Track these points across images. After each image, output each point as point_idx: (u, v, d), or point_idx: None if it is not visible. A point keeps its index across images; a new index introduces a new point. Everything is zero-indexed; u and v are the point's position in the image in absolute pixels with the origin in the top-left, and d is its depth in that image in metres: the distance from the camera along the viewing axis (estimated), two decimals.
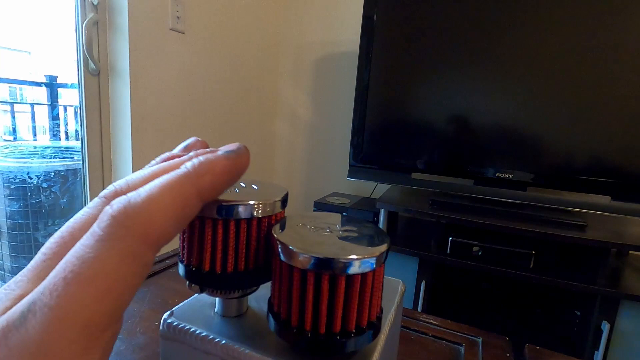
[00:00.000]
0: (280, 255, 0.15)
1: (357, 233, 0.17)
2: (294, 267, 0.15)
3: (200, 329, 0.19)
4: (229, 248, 0.17)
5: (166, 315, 0.21)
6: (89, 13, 0.97)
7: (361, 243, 0.16)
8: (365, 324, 0.16)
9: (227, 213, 0.17)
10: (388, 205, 1.13)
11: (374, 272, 0.15)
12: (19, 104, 1.24)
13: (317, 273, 0.15)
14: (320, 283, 0.15)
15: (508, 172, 1.05)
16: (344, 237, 0.17)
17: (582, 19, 0.94)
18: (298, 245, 0.15)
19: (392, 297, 0.22)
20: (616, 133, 0.95)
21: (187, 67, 1.20)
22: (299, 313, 0.15)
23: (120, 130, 1.06)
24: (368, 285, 0.15)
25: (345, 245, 0.16)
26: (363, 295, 0.15)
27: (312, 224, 0.18)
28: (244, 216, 0.17)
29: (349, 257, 0.14)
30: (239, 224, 0.17)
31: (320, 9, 1.59)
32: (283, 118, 1.75)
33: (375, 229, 0.18)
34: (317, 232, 0.17)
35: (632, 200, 0.94)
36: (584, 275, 0.94)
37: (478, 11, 1.03)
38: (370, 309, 0.16)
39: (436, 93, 1.12)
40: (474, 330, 0.39)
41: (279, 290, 0.16)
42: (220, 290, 0.18)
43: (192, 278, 0.18)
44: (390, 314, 0.20)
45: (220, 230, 0.17)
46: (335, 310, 0.15)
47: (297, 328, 0.15)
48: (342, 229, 0.17)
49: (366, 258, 0.15)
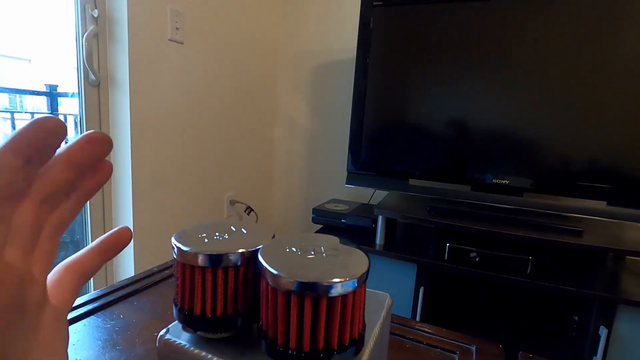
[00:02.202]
0: (266, 278, 0.16)
1: (340, 256, 0.18)
2: (278, 290, 0.16)
3: (194, 347, 0.19)
4: (218, 294, 0.19)
5: (162, 332, 0.22)
6: (89, 25, 0.99)
7: (342, 266, 0.17)
8: (348, 342, 0.17)
9: (214, 262, 0.18)
10: (386, 211, 1.14)
11: (354, 292, 0.16)
12: (19, 113, 1.25)
13: (299, 295, 0.15)
14: (302, 305, 0.16)
15: (505, 178, 1.06)
16: (327, 259, 0.18)
17: (579, 26, 0.96)
18: (282, 269, 0.16)
19: (379, 311, 0.23)
20: (611, 139, 0.96)
21: (186, 77, 1.21)
22: (284, 333, 0.16)
23: (119, 140, 1.07)
24: (349, 306, 0.16)
25: (327, 268, 0.17)
26: (344, 315, 0.16)
27: (299, 247, 0.19)
28: (230, 264, 0.18)
29: (330, 280, 0.15)
30: (227, 271, 0.18)
31: (318, 17, 1.61)
32: (282, 125, 1.76)
33: (357, 252, 0.19)
34: (302, 256, 0.18)
35: (627, 205, 0.95)
36: (581, 281, 0.95)
37: (474, 17, 1.05)
38: (352, 327, 0.17)
39: (433, 99, 1.13)
40: (468, 338, 0.40)
41: (267, 311, 0.17)
42: (211, 332, 0.19)
43: (185, 321, 0.20)
44: (376, 329, 0.21)
45: (209, 277, 0.18)
46: (318, 329, 0.16)
47: (283, 347, 0.16)
48: (326, 251, 0.18)
49: (346, 281, 0.16)
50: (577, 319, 1.00)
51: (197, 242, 0.20)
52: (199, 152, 1.31)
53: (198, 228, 0.23)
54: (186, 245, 0.20)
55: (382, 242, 1.16)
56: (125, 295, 0.48)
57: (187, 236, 0.21)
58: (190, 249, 0.19)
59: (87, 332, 0.40)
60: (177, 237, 0.21)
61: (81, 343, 0.38)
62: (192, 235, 0.21)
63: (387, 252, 1.09)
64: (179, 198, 1.25)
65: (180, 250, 0.20)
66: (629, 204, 0.95)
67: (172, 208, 1.22)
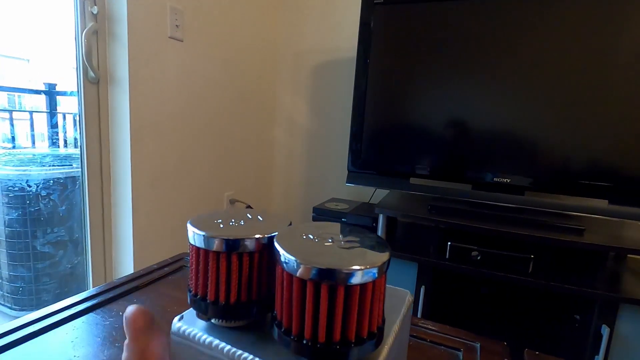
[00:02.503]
0: (281, 264, 0.16)
1: (359, 243, 0.17)
2: (294, 276, 0.15)
3: (207, 334, 0.19)
4: (232, 280, 0.18)
5: (176, 319, 0.21)
6: (88, 22, 0.98)
7: (362, 253, 0.16)
8: (366, 334, 0.16)
9: (229, 247, 0.17)
10: (387, 210, 1.13)
11: (374, 283, 0.15)
12: (18, 112, 1.24)
13: (316, 283, 0.15)
14: (319, 293, 0.15)
15: (506, 177, 1.05)
16: (346, 247, 0.17)
17: (579, 25, 0.96)
18: (298, 255, 0.15)
19: (399, 307, 0.22)
20: (612, 137, 0.96)
21: (186, 75, 1.21)
22: (299, 322, 0.16)
23: (119, 138, 1.06)
24: (367, 296, 0.15)
25: (345, 255, 0.16)
26: (362, 306, 0.15)
27: (316, 234, 0.18)
28: (246, 250, 0.18)
29: (348, 267, 0.15)
30: (242, 257, 0.18)
31: (318, 16, 1.60)
32: (282, 125, 1.75)
33: (377, 239, 0.18)
34: (319, 243, 0.17)
35: (629, 203, 0.95)
36: (583, 279, 0.94)
37: (474, 16, 1.05)
38: (371, 319, 0.16)
39: (433, 98, 1.13)
40: (472, 335, 0.39)
41: (281, 299, 0.16)
42: (224, 319, 0.19)
43: (198, 307, 0.19)
44: (396, 325, 0.20)
45: (223, 262, 0.18)
46: (334, 319, 0.15)
47: (298, 336, 0.16)
48: (344, 239, 0.18)
49: (365, 269, 0.15)
50: (579, 317, 1.00)
51: (212, 227, 0.20)
52: (198, 151, 1.30)
53: (214, 214, 0.22)
54: (201, 229, 0.19)
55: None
56: (124, 293, 0.48)
57: (203, 221, 0.21)
58: (205, 233, 0.19)
59: (86, 329, 0.40)
60: (193, 222, 0.20)
61: (80, 340, 0.38)
62: (207, 221, 0.21)
63: None
64: (179, 197, 1.24)
65: (195, 234, 0.19)
66: (631, 203, 0.95)
67: (171, 207, 1.21)
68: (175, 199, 1.23)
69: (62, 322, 0.40)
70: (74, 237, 1.16)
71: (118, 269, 1.14)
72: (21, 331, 0.38)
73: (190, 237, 0.20)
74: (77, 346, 0.37)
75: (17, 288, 1.13)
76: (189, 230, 0.20)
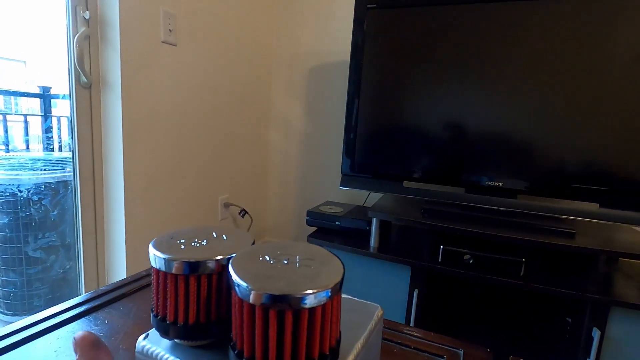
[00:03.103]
0: (234, 288, 0.16)
1: (313, 265, 0.17)
2: (244, 300, 0.15)
3: (170, 354, 0.19)
4: (190, 302, 0.18)
5: (141, 337, 0.21)
6: (80, 27, 0.98)
7: (313, 276, 0.16)
8: (317, 356, 0.16)
9: (186, 269, 0.18)
10: (380, 214, 1.14)
11: (324, 305, 0.15)
12: (12, 115, 1.24)
13: (264, 308, 0.15)
14: (267, 317, 0.15)
15: (498, 181, 1.06)
16: (299, 270, 0.17)
17: (572, 30, 0.97)
18: (249, 279, 0.15)
19: (365, 323, 0.22)
20: (604, 141, 0.96)
21: (179, 79, 1.21)
22: (250, 345, 0.16)
23: (111, 142, 1.06)
24: (317, 319, 0.15)
25: (296, 279, 0.16)
26: (312, 328, 0.15)
27: (273, 255, 0.18)
28: (203, 272, 0.18)
29: (298, 292, 0.15)
30: (200, 279, 0.18)
31: (312, 19, 1.61)
32: (276, 128, 1.76)
33: (333, 261, 0.18)
34: (274, 264, 0.17)
35: (619, 207, 0.95)
36: (574, 283, 0.95)
37: (466, 20, 1.05)
38: (322, 341, 0.16)
39: (427, 102, 1.13)
40: (456, 342, 0.39)
41: (235, 322, 0.17)
42: (184, 339, 0.19)
43: (159, 327, 0.20)
44: (359, 342, 0.20)
45: (182, 284, 0.18)
46: (284, 343, 0.15)
47: (249, 359, 0.16)
48: (300, 261, 0.18)
49: (315, 292, 0.15)
50: (570, 320, 1.00)
51: (172, 249, 0.20)
52: (192, 155, 1.30)
53: (179, 233, 0.22)
54: (161, 251, 0.19)
55: (376, 244, 1.16)
56: (111, 300, 0.47)
57: (165, 241, 0.21)
58: (163, 256, 0.19)
59: (70, 338, 0.39)
60: (155, 242, 0.20)
61: (64, 349, 0.38)
62: (169, 241, 0.21)
63: (381, 254, 1.09)
64: (172, 201, 1.24)
65: (154, 256, 0.19)
66: (621, 206, 0.95)
67: (165, 211, 1.21)
68: (168, 203, 1.22)
69: (46, 331, 0.40)
70: (65, 242, 1.15)
71: (110, 274, 1.14)
72: (4, 341, 0.37)
73: (151, 259, 0.20)
74: (60, 356, 0.37)
75: (8, 293, 1.12)
76: (150, 252, 0.20)
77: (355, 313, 0.22)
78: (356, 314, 0.22)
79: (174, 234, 0.22)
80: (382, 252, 1.10)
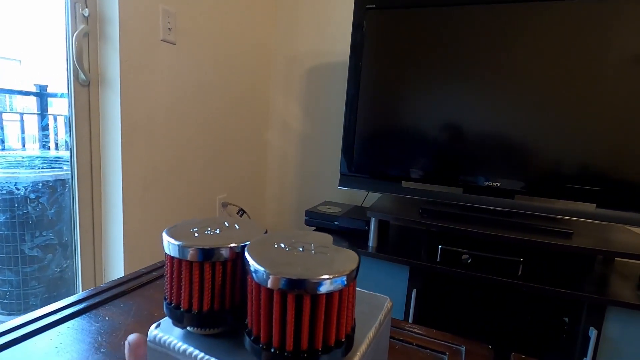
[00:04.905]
0: (250, 274, 0.16)
1: (329, 253, 0.18)
2: (262, 286, 0.15)
3: (182, 342, 0.19)
4: (205, 289, 0.18)
5: (153, 326, 0.21)
6: (79, 24, 0.98)
7: (329, 263, 0.16)
8: (333, 342, 0.16)
9: (201, 256, 0.18)
10: (379, 214, 1.14)
11: (340, 291, 0.16)
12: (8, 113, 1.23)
13: (283, 292, 0.15)
14: (286, 302, 0.15)
15: (496, 181, 1.06)
16: (315, 256, 0.17)
17: (569, 31, 0.97)
18: (266, 265, 0.16)
19: (376, 314, 0.22)
20: (601, 142, 0.97)
21: (178, 78, 1.21)
22: (267, 330, 0.16)
23: (110, 141, 1.06)
24: (334, 304, 0.16)
25: (313, 265, 0.16)
26: (329, 314, 0.15)
27: (288, 243, 0.18)
28: (218, 259, 0.18)
29: (315, 277, 0.15)
30: (215, 266, 0.18)
31: (312, 19, 1.61)
32: (275, 128, 1.76)
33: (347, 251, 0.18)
34: (290, 252, 0.17)
35: (616, 207, 0.96)
36: (571, 282, 0.95)
37: (466, 21, 1.06)
38: (338, 327, 0.16)
39: (426, 102, 1.14)
40: (458, 339, 0.39)
41: (251, 308, 0.17)
42: (198, 327, 0.19)
43: (173, 315, 0.20)
44: (370, 332, 0.20)
45: (196, 272, 0.18)
46: (302, 328, 0.15)
47: (266, 345, 0.16)
48: (315, 249, 0.18)
49: (332, 278, 0.15)
50: (567, 320, 1.01)
51: (186, 236, 0.20)
52: (190, 154, 1.30)
53: (191, 222, 0.22)
54: (175, 238, 0.20)
55: (374, 244, 1.16)
56: (111, 297, 0.47)
57: (178, 230, 0.21)
58: (178, 243, 0.19)
59: (71, 335, 0.39)
60: (168, 231, 0.21)
61: (64, 346, 0.38)
62: (183, 229, 0.21)
63: (379, 254, 1.09)
64: (170, 200, 1.24)
65: (169, 244, 0.20)
66: (618, 207, 0.96)
67: (163, 210, 1.21)
68: (166, 202, 1.22)
69: (46, 327, 0.40)
70: (63, 240, 1.14)
71: (108, 272, 1.13)
72: (4, 337, 0.37)
73: (165, 247, 0.20)
74: (61, 352, 0.36)
75: (4, 292, 1.11)
76: (164, 239, 0.20)
77: (365, 304, 0.22)
78: (366, 305, 0.22)
79: (185, 224, 0.22)
80: (380, 251, 1.10)
